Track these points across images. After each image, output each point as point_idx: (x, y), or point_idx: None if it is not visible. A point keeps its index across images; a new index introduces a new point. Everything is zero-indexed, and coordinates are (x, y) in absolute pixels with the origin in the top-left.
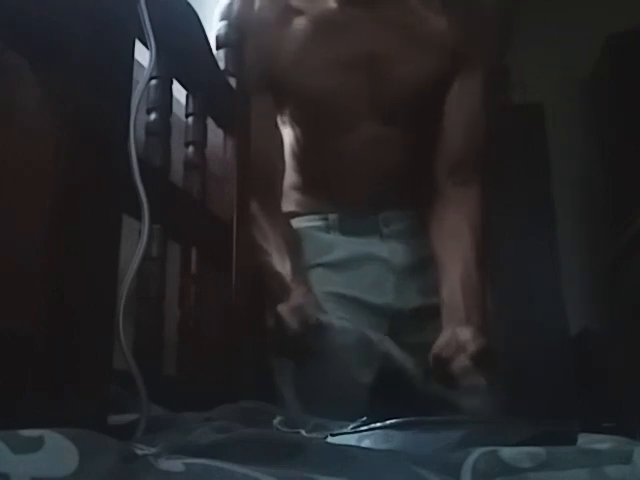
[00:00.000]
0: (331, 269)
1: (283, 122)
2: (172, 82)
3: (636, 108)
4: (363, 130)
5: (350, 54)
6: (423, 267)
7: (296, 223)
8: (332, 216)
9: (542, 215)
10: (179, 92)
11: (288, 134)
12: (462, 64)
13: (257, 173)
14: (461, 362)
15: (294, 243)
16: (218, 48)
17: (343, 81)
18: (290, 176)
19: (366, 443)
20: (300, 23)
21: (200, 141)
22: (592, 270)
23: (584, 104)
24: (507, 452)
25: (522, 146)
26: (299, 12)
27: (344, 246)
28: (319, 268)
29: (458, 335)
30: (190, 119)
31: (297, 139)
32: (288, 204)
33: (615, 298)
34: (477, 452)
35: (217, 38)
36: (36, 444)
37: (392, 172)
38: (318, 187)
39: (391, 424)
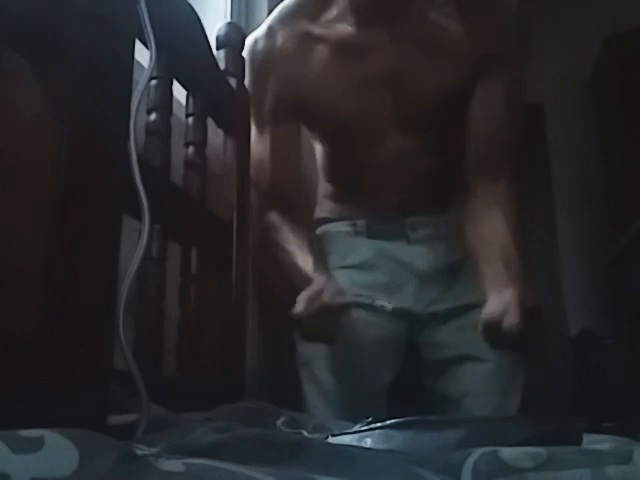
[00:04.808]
0: (355, 271)
1: (313, 138)
2: (172, 82)
3: (636, 108)
4: (390, 141)
5: (373, 74)
6: (447, 273)
7: (325, 227)
8: (360, 222)
9: (542, 214)
10: (179, 92)
11: (318, 149)
12: (483, 69)
13: (281, 193)
14: (510, 320)
15: (316, 247)
16: (218, 48)
17: (369, 100)
18: (322, 186)
19: (366, 443)
20: (322, 50)
21: (200, 141)
22: (592, 270)
23: (584, 104)
24: (507, 452)
25: (522, 146)
26: (320, 39)
27: (369, 247)
28: (343, 270)
29: (504, 296)
30: (190, 119)
31: (327, 153)
32: (320, 211)
33: (615, 298)
34: (477, 452)
35: (217, 38)
36: (36, 444)
37: (419, 178)
38: (348, 195)
39: (391, 424)
